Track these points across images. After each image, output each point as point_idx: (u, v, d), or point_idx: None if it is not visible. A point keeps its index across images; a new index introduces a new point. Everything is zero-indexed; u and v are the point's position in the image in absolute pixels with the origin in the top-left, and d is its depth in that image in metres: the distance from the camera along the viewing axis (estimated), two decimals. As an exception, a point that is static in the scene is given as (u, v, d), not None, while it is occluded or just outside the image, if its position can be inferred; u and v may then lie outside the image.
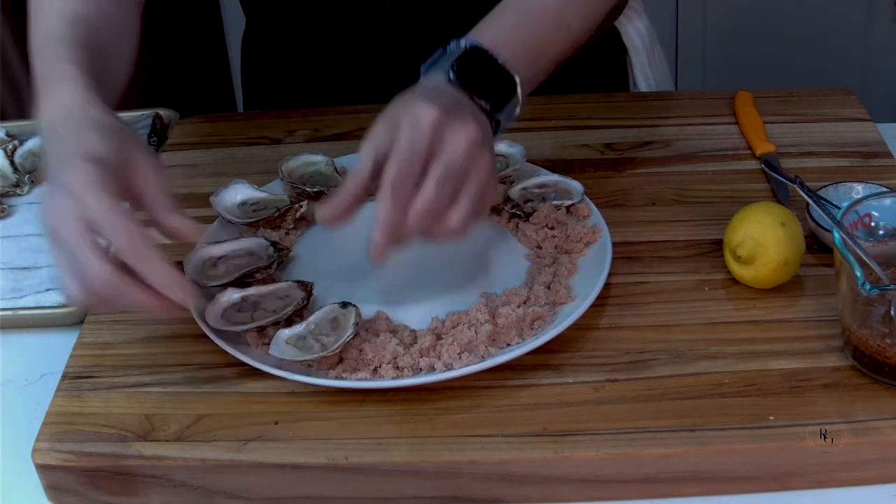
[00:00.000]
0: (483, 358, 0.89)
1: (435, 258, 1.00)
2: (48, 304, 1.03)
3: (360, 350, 0.90)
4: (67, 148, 0.84)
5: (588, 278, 0.97)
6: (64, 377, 0.93)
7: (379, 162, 0.85)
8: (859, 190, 1.04)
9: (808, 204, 1.00)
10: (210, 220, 1.07)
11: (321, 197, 1.08)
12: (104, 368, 0.94)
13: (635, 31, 1.32)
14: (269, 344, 0.91)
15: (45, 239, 0.83)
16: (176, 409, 0.89)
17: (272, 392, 0.90)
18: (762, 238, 0.94)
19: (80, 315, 1.01)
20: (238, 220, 1.05)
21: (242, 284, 0.97)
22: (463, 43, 0.91)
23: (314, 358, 0.89)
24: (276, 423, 0.87)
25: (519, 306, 0.93)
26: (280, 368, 0.89)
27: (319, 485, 0.85)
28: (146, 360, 0.94)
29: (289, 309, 0.93)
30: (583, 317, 0.93)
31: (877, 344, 0.86)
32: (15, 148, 1.24)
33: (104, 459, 0.86)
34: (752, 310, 0.95)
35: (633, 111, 1.25)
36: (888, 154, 1.15)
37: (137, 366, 0.94)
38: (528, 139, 1.14)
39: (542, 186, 1.07)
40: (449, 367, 0.88)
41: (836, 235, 0.85)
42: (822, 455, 0.83)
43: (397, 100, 0.88)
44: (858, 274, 0.82)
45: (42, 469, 0.86)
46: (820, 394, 0.87)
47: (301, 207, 1.06)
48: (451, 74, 0.89)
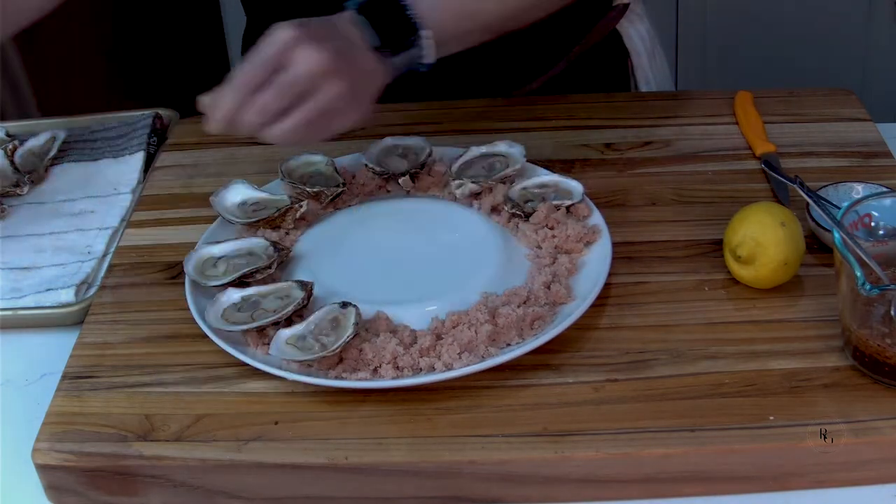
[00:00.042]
0: (483, 358, 0.89)
1: (435, 258, 1.01)
2: (48, 304, 1.03)
3: (360, 350, 0.90)
4: None
5: (588, 278, 0.97)
6: (64, 377, 0.93)
7: None
8: (859, 190, 1.04)
9: (808, 204, 1.00)
10: (210, 220, 1.07)
11: (321, 197, 1.08)
12: (104, 368, 0.94)
13: (637, 35, 1.33)
14: (269, 344, 0.91)
15: None
16: (176, 409, 0.89)
17: (272, 392, 0.90)
18: (762, 238, 0.94)
19: (80, 315, 1.01)
20: (238, 220, 1.05)
21: (242, 284, 0.97)
22: None
23: (314, 358, 0.89)
24: (276, 423, 0.87)
25: (519, 306, 0.93)
26: (280, 368, 0.89)
27: (319, 485, 0.85)
28: (146, 360, 0.94)
29: (289, 309, 0.93)
30: (583, 317, 0.93)
31: (877, 344, 0.86)
32: (15, 148, 1.24)
33: (104, 459, 0.86)
34: (752, 310, 0.95)
35: (633, 111, 1.24)
36: (888, 154, 1.15)
37: (137, 366, 0.94)
38: (528, 139, 1.14)
39: (542, 186, 1.07)
40: (449, 367, 0.88)
41: (836, 235, 0.85)
42: (822, 455, 0.83)
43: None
44: (858, 274, 0.82)
45: (42, 469, 0.86)
46: (820, 394, 0.87)
47: (301, 207, 1.06)
48: (355, 12, 0.98)
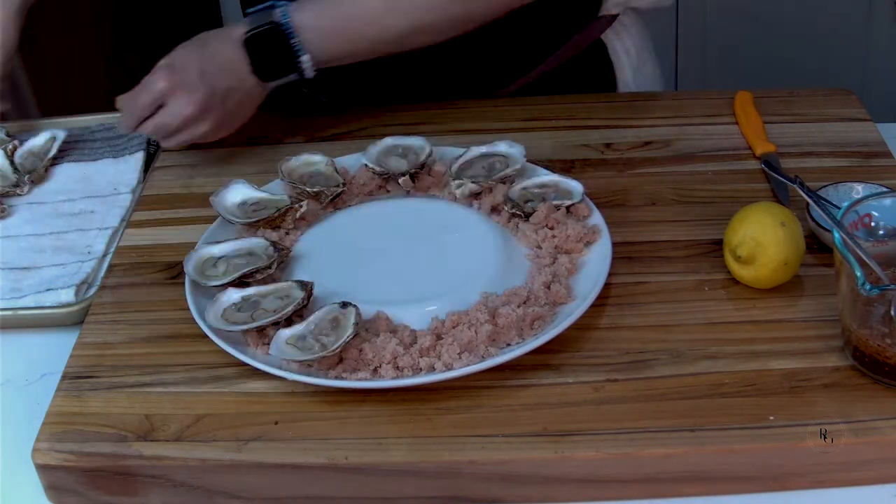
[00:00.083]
0: (483, 358, 0.89)
1: (435, 258, 1.00)
2: (48, 304, 1.03)
3: (360, 350, 0.90)
4: None
5: (588, 278, 0.97)
6: (64, 377, 0.93)
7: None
8: (859, 190, 1.04)
9: (808, 204, 1.00)
10: (210, 220, 1.07)
11: (321, 197, 1.08)
12: (104, 368, 0.94)
13: (622, 48, 1.31)
14: (269, 344, 0.91)
15: None
16: (176, 409, 0.89)
17: (272, 392, 0.90)
18: (762, 238, 0.94)
19: (80, 315, 1.01)
20: (238, 220, 1.05)
21: (242, 284, 0.97)
22: (278, 15, 1.09)
23: (314, 358, 0.89)
24: (276, 423, 0.87)
25: (519, 306, 0.93)
26: (280, 368, 0.89)
27: (319, 485, 0.85)
28: (146, 360, 0.94)
29: (289, 309, 0.93)
30: (583, 317, 0.93)
31: (877, 344, 0.86)
32: (15, 148, 1.24)
33: (104, 459, 0.86)
34: (752, 310, 0.95)
35: (633, 111, 1.24)
36: (888, 154, 1.14)
37: (137, 366, 0.94)
38: (528, 139, 1.14)
39: (542, 186, 1.07)
40: (449, 367, 0.88)
41: (836, 235, 0.85)
42: (822, 455, 0.83)
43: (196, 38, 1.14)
44: (858, 274, 0.82)
45: (42, 469, 0.86)
46: (820, 394, 0.87)
47: (301, 207, 1.05)
48: (244, 39, 1.10)
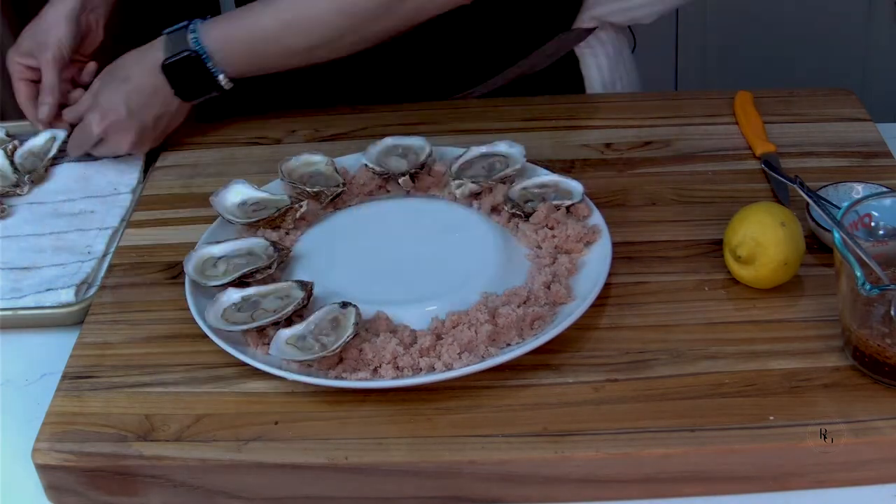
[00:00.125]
0: (483, 358, 0.89)
1: (435, 258, 1.00)
2: (48, 304, 1.03)
3: (360, 350, 0.90)
4: None
5: (588, 278, 0.97)
6: (64, 377, 0.93)
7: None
8: (859, 190, 1.04)
9: (808, 204, 1.00)
10: (210, 220, 1.07)
11: (321, 197, 1.08)
12: (104, 368, 0.94)
13: (595, 63, 1.31)
14: (269, 344, 0.91)
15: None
16: (176, 409, 0.89)
17: (272, 392, 0.90)
18: (762, 238, 0.94)
19: (80, 315, 1.01)
20: (238, 220, 1.05)
21: (242, 284, 0.97)
22: (191, 42, 1.14)
23: (314, 358, 0.89)
24: (276, 423, 0.87)
25: (519, 306, 0.93)
26: (280, 368, 0.89)
27: (319, 485, 0.85)
28: (146, 360, 0.94)
29: (289, 309, 0.93)
30: (583, 317, 0.93)
31: (877, 344, 0.85)
32: (15, 148, 1.24)
33: (104, 459, 0.86)
34: (752, 310, 0.95)
35: (633, 111, 1.24)
36: (888, 154, 1.14)
37: (137, 366, 0.94)
38: (528, 139, 1.14)
39: (542, 186, 1.07)
40: (449, 367, 0.88)
41: (836, 235, 0.85)
42: (822, 455, 0.83)
43: (125, 57, 1.19)
44: (858, 274, 0.82)
45: (42, 469, 0.86)
46: (820, 394, 0.87)
47: (301, 207, 1.05)
48: (163, 63, 1.15)
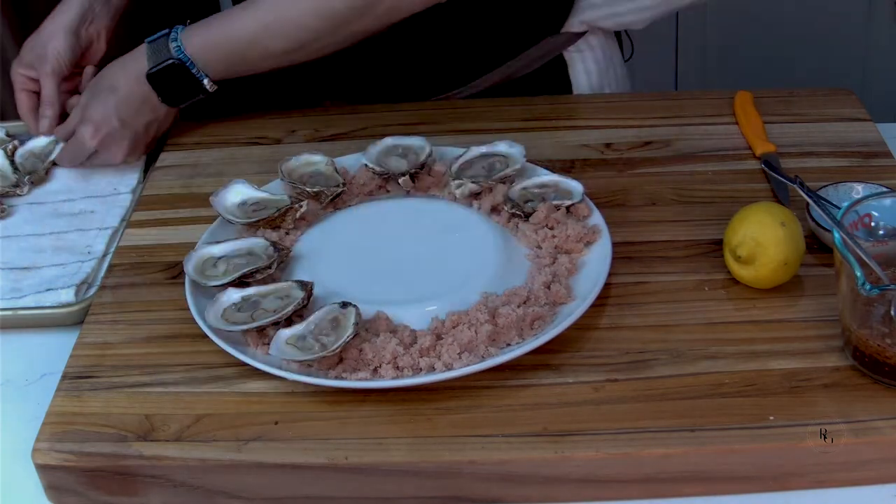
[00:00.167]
0: (483, 358, 0.89)
1: (435, 258, 1.00)
2: (48, 304, 1.03)
3: (360, 350, 0.90)
4: None
5: (588, 278, 0.97)
6: (64, 377, 0.93)
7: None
8: (859, 190, 1.04)
9: (808, 204, 1.00)
10: (210, 220, 1.07)
11: (321, 197, 1.08)
12: (104, 368, 0.94)
13: (583, 68, 1.31)
14: (269, 344, 0.91)
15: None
16: (176, 409, 0.89)
17: (272, 392, 0.90)
18: (762, 238, 0.94)
19: (80, 315, 1.01)
20: (238, 220, 1.05)
21: (242, 284, 0.97)
22: (174, 50, 1.14)
23: (314, 358, 0.89)
24: (276, 423, 0.87)
25: (519, 306, 0.93)
26: (280, 368, 0.89)
27: (319, 485, 0.85)
28: (146, 360, 0.94)
29: (289, 309, 0.93)
30: (583, 317, 0.93)
31: (877, 344, 0.85)
32: (15, 148, 1.24)
33: (104, 459, 0.86)
34: (752, 310, 0.95)
35: (633, 111, 1.24)
36: (888, 154, 1.15)
37: (137, 366, 0.94)
38: (528, 139, 1.14)
39: (542, 186, 1.07)
40: (449, 367, 0.88)
41: (836, 235, 0.85)
42: (822, 455, 0.83)
43: (111, 66, 1.20)
44: (858, 274, 0.82)
45: (42, 469, 0.86)
46: (820, 394, 0.87)
47: (301, 207, 1.05)
48: (148, 73, 1.16)
